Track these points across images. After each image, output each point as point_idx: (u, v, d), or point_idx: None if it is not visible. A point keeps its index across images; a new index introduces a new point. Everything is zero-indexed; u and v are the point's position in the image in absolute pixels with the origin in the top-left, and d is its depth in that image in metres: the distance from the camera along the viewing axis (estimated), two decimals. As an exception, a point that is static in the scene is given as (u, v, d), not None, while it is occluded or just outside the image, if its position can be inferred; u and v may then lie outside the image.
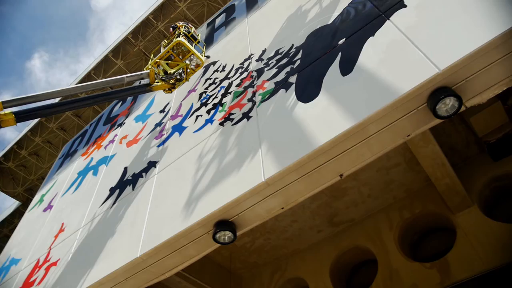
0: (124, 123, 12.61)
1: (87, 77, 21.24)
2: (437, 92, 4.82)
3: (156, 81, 8.90)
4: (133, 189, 8.41)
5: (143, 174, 8.60)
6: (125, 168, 9.54)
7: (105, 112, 15.75)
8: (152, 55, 9.79)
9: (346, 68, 6.09)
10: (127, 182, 8.88)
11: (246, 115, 7.20)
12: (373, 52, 5.92)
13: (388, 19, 6.20)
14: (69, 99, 8.67)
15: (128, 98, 13.99)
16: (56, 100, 15.10)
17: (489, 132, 7.66)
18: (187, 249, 6.48)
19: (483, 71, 4.78)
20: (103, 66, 21.37)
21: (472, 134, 8.19)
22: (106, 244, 7.55)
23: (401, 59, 5.38)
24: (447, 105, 4.82)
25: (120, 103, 14.79)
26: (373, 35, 6.21)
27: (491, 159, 8.11)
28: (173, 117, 9.85)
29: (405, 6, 6.14)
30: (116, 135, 12.16)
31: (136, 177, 8.71)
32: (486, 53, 4.64)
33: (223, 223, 6.06)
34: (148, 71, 8.82)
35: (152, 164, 8.64)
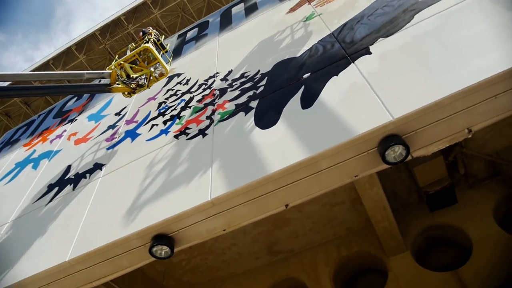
0: (76, 119, 12.14)
1: (45, 65, 20.35)
2: (388, 138, 5.04)
3: (117, 82, 8.68)
4: (73, 189, 8.04)
5: (87, 175, 8.26)
6: (69, 166, 9.13)
7: (57, 105, 15.09)
8: (117, 56, 9.57)
9: (307, 102, 6.26)
10: (68, 181, 8.48)
11: (202, 132, 7.17)
12: (334, 91, 6.15)
13: (353, 62, 6.50)
14: (21, 85, 8.25)
15: (85, 95, 13.52)
16: (6, 83, 14.31)
17: (429, 184, 8.06)
18: (121, 259, 6.23)
19: (431, 126, 5.07)
20: (64, 58, 20.61)
21: (414, 183, 8.58)
22: (34, 243, 7.10)
23: (360, 102, 5.62)
24: (395, 152, 5.04)
25: (76, 98, 14.24)
26: (337, 75, 6.47)
27: (428, 209, 8.52)
28: (128, 122, 9.62)
29: (370, 53, 6.49)
30: (65, 131, 11.66)
31: (79, 177, 8.35)
32: (435, 109, 4.95)
33: (161, 237, 5.89)
34: (111, 71, 8.59)
35: (98, 166, 8.33)
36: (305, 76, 6.96)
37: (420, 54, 5.85)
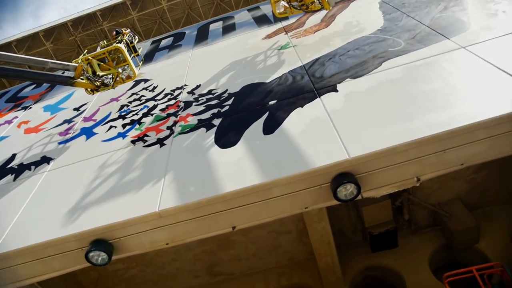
0: (31, 107, 11.65)
1: (6, 46, 19.46)
2: (342, 176, 5.16)
3: (81, 77, 8.45)
4: (14, 179, 7.61)
5: (32, 167, 7.87)
6: (14, 155, 8.66)
7: (12, 89, 14.42)
8: (86, 50, 9.34)
9: (269, 128, 6.34)
10: (10, 170, 8.04)
11: (161, 141, 7.07)
12: (297, 122, 6.27)
13: (319, 97, 6.69)
14: (-24, 63, 7.84)
15: (45, 84, 13.02)
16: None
17: (375, 225, 8.27)
18: (53, 260, 5.89)
19: (384, 169, 5.26)
20: (29, 42, 19.83)
21: (361, 222, 8.78)
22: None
23: (320, 137, 5.76)
24: (347, 190, 5.16)
25: (34, 86, 13.70)
26: (302, 107, 6.62)
27: (371, 249, 8.71)
28: (85, 119, 9.34)
29: (336, 91, 6.73)
30: (16, 117, 11.12)
31: (23, 168, 7.94)
32: (390, 154, 5.15)
33: (100, 243, 5.64)
34: (77, 65, 8.36)
35: (46, 160, 7.97)
36: (271, 102, 7.07)
37: (382, 100, 6.12)
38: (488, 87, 5.64)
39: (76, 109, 10.21)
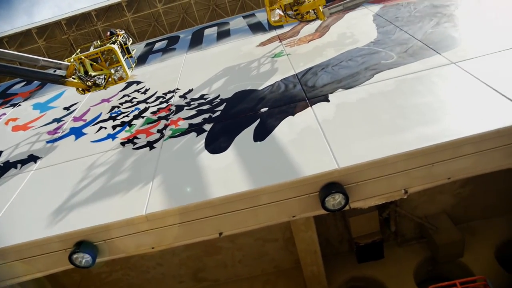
0: (20, 105, 11.52)
1: (-2, 42, 19.33)
2: (330, 185, 5.17)
3: (73, 77, 8.39)
4: (-1, 177, 7.52)
5: (18, 165, 7.76)
6: (0, 152, 8.55)
7: (1, 86, 14.26)
8: (79, 50, 9.29)
9: (260, 135, 6.35)
10: (-5, 167, 7.92)
11: (150, 144, 7.03)
12: (288, 130, 6.29)
13: (311, 106, 6.72)
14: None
15: (35, 81, 12.91)
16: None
17: (361, 236, 8.30)
18: (36, 261, 5.79)
19: (373, 180, 5.28)
20: (21, 39, 19.68)
21: (348, 232, 8.80)
22: None
23: (310, 146, 5.77)
24: (335, 200, 5.17)
25: (24, 83, 13.58)
26: (293, 115, 6.65)
27: (356, 260, 8.73)
28: (75, 119, 9.26)
29: (328, 101, 6.77)
30: (4, 114, 10.99)
31: (9, 166, 7.83)
32: (379, 166, 5.17)
33: (85, 245, 5.57)
34: (69, 64, 8.31)
35: (33, 158, 7.87)
36: (263, 110, 7.08)
37: (373, 111, 6.16)
38: (476, 103, 5.72)
39: (66, 108, 10.12)
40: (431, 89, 6.35)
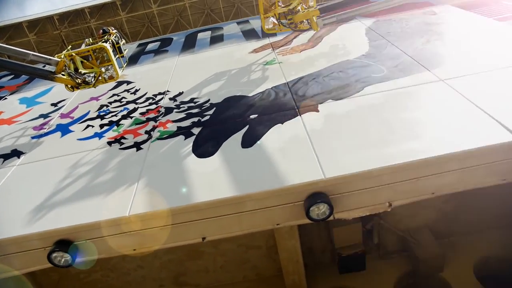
0: (6, 98, 11.36)
1: (-14, 34, 19.06)
2: (316, 195, 5.18)
3: (63, 73, 8.31)
4: (-20, 171, 7.37)
5: (0, 160, 7.63)
6: (-18, 146, 8.40)
7: (-12, 79, 14.06)
8: (70, 46, 9.21)
9: (248, 141, 6.35)
10: (-23, 161, 7.78)
11: (137, 145, 6.98)
12: (276, 138, 6.30)
13: (300, 115, 6.75)
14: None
15: (24, 76, 12.75)
16: None
17: (344, 246, 8.32)
18: (13, 259, 5.67)
19: (358, 192, 5.31)
20: (11, 32, 19.43)
21: (331, 243, 8.83)
22: None
23: (297, 154, 5.79)
24: (320, 210, 5.18)
25: (12, 76, 13.40)
26: (282, 123, 6.67)
27: (338, 270, 8.75)
28: (62, 116, 9.16)
29: (317, 111, 6.78)
30: (-11, 107, 10.82)
31: (-9, 160, 7.70)
32: (364, 178, 5.22)
33: (65, 244, 5.48)
34: (59, 60, 8.23)
35: (16, 153, 7.75)
36: (252, 116, 7.09)
37: (361, 124, 6.22)
38: (462, 120, 5.81)
39: (54, 104, 10.01)
40: (419, 104, 6.44)
